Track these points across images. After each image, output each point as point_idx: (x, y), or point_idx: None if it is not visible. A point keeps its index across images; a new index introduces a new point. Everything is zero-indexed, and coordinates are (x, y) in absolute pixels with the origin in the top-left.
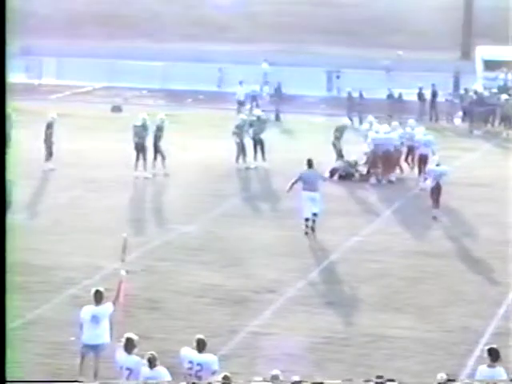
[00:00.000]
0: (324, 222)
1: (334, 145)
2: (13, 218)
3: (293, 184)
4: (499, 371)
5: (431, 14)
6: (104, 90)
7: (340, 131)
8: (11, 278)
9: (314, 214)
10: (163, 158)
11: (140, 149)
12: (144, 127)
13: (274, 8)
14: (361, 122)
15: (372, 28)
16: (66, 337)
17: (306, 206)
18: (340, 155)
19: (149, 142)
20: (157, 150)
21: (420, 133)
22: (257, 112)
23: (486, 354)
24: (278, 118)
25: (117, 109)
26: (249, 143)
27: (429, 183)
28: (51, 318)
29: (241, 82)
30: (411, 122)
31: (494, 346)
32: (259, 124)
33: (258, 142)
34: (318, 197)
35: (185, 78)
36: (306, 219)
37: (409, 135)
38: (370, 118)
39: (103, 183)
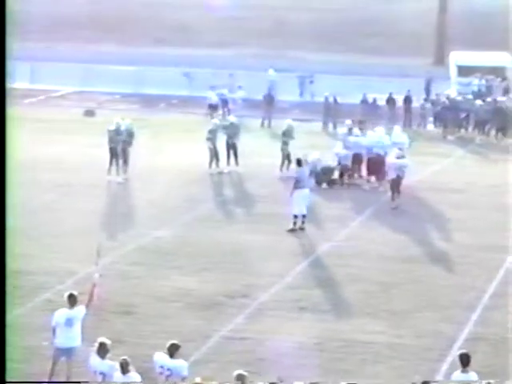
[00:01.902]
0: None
1: (282, 150)
2: None
3: (295, 186)
4: (472, 376)
5: (406, 20)
6: (77, 94)
7: (286, 135)
8: None
9: (304, 216)
10: (126, 163)
11: (114, 153)
12: (117, 132)
13: (249, 13)
14: (335, 127)
15: (347, 33)
16: (38, 341)
17: (297, 204)
18: (288, 159)
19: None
20: (125, 154)
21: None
22: (231, 117)
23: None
24: (269, 125)
25: (89, 113)
26: (222, 148)
27: None
28: (24, 323)
29: (213, 87)
30: (397, 128)
31: (465, 351)
32: (233, 129)
33: (232, 147)
34: (308, 194)
35: (158, 83)
36: (295, 216)
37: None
38: (348, 121)
39: (76, 187)
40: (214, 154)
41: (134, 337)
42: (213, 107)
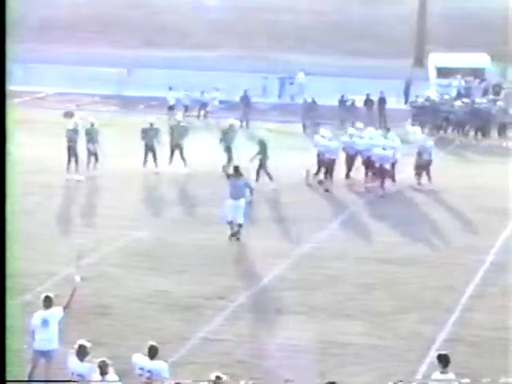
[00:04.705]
0: (275, 228)
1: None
2: None
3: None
4: (451, 377)
5: (386, 22)
6: (57, 95)
7: (223, 133)
8: None
9: (240, 225)
10: (96, 159)
11: (72, 152)
12: (75, 131)
13: (235, 14)
14: (315, 129)
15: (329, 35)
16: (19, 344)
17: (231, 213)
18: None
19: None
20: (90, 152)
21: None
22: (178, 117)
23: (436, 361)
24: (247, 126)
25: (69, 114)
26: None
27: None
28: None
29: (170, 88)
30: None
31: (444, 352)
32: (179, 130)
33: (176, 148)
34: (243, 204)
35: (138, 85)
36: (229, 222)
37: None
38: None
39: (56, 189)
40: (148, 152)
41: (113, 338)
42: (171, 108)
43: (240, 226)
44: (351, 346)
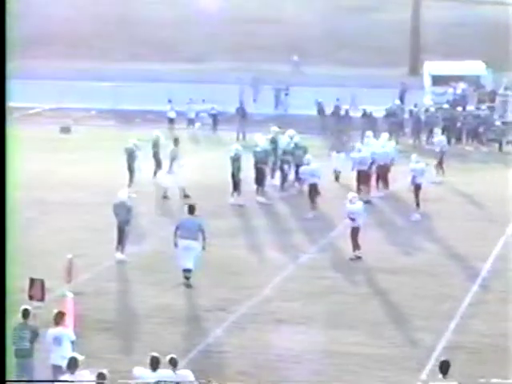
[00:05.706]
0: (272, 239)
1: (154, 158)
2: None
3: (175, 235)
4: None
5: (381, 31)
6: (53, 111)
7: (155, 146)
8: None
9: (188, 271)
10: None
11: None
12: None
13: (223, 27)
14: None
15: (322, 45)
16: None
17: (181, 257)
18: (159, 166)
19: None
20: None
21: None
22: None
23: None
24: (244, 138)
25: (65, 130)
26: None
27: None
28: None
29: (170, 101)
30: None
31: (445, 359)
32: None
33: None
34: (196, 247)
35: (134, 98)
36: (184, 270)
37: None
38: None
39: (53, 205)
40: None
41: (113, 353)
42: (171, 121)
43: (188, 271)
44: (351, 356)
